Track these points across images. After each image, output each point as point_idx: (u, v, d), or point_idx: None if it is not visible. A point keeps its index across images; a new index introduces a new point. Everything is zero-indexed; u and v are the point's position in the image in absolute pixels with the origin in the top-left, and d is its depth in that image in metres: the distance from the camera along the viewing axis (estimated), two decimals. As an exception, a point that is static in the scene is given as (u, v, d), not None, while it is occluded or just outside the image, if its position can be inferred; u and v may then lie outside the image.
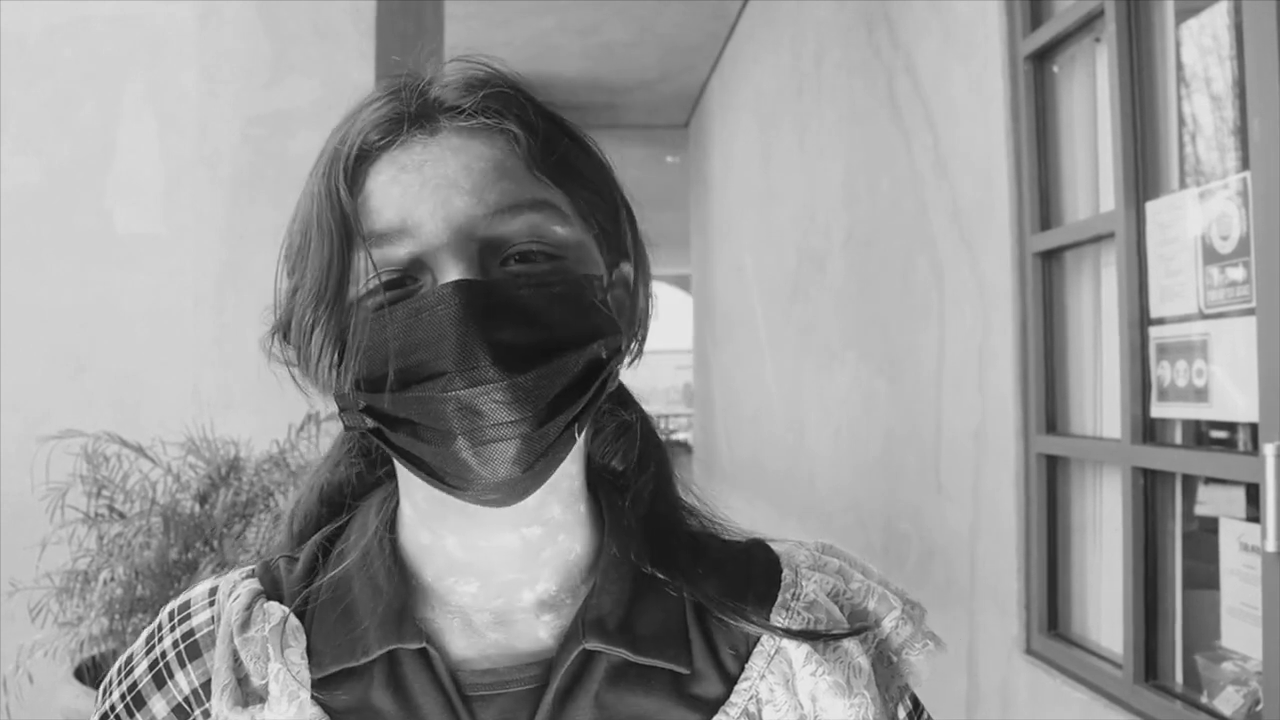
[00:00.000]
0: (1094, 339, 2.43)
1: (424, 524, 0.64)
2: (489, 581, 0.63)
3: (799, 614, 0.65)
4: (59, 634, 2.34)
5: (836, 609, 0.66)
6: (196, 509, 2.39)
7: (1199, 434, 2.10)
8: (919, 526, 3.28)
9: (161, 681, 0.64)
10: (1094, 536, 2.44)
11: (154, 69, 3.03)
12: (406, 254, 0.57)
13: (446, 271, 0.56)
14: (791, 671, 0.63)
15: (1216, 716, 1.88)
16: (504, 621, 0.63)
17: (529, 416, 0.55)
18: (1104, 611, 2.38)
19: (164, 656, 0.65)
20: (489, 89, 0.61)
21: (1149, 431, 2.10)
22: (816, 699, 0.62)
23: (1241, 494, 1.92)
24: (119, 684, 0.66)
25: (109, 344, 2.98)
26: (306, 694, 0.59)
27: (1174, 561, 2.10)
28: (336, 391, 0.60)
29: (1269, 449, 1.65)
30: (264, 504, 2.42)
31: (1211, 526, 1.98)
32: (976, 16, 2.75)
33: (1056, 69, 2.52)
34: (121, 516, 2.42)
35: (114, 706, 0.65)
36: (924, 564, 3.23)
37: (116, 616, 2.28)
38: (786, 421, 5.42)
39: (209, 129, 3.02)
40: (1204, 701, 1.92)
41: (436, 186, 0.58)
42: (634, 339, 0.66)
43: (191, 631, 0.65)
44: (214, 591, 0.67)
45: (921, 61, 3.19)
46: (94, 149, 3.01)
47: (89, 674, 2.34)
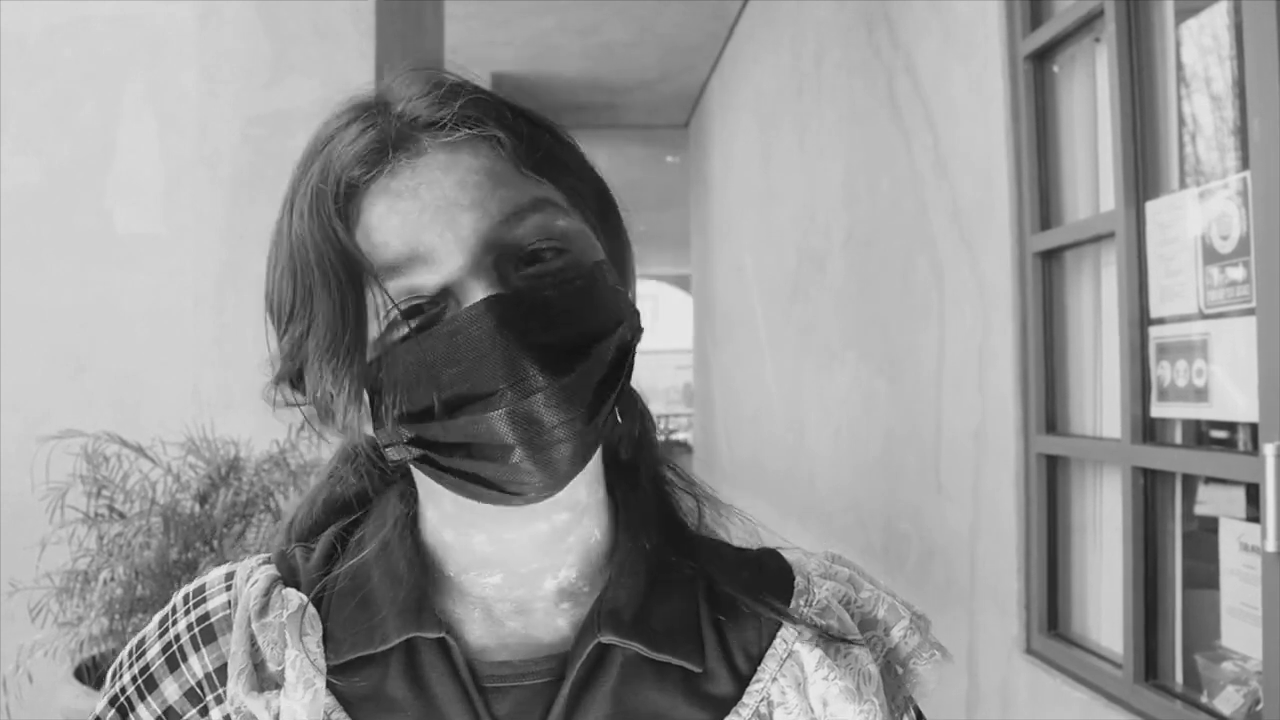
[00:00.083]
0: (1094, 339, 2.43)
1: (448, 525, 0.64)
2: (514, 572, 0.63)
3: (812, 619, 0.65)
4: (59, 634, 2.34)
5: (848, 615, 0.66)
6: (196, 509, 2.39)
7: (1199, 434, 2.10)
8: (919, 526, 3.28)
9: (175, 664, 0.63)
10: (1094, 536, 2.44)
11: (154, 69, 3.03)
12: (422, 281, 0.57)
13: (469, 291, 0.56)
14: (803, 675, 0.63)
15: (1216, 716, 1.88)
16: (524, 611, 0.64)
17: (581, 413, 0.56)
18: (1104, 611, 2.38)
19: (178, 639, 0.64)
20: (462, 97, 0.60)
21: (1149, 431, 2.10)
22: (828, 703, 0.62)
23: (1241, 494, 1.92)
24: (130, 666, 0.65)
25: (109, 344, 2.98)
26: (322, 681, 0.59)
27: (1174, 561, 2.10)
28: (376, 429, 0.59)
29: (1269, 449, 1.65)
30: (264, 504, 2.42)
31: (1211, 526, 1.98)
32: (976, 16, 2.75)
33: (1056, 69, 2.52)
34: (121, 516, 2.42)
35: (124, 689, 0.64)
36: (924, 564, 3.23)
37: (116, 616, 2.28)
38: (786, 421, 5.43)
39: (209, 129, 3.02)
40: (1204, 701, 1.92)
41: (438, 209, 0.57)
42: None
43: (207, 615, 0.64)
44: (230, 576, 0.67)
45: (921, 61, 3.19)
46: (94, 149, 3.01)
47: (89, 674, 2.34)
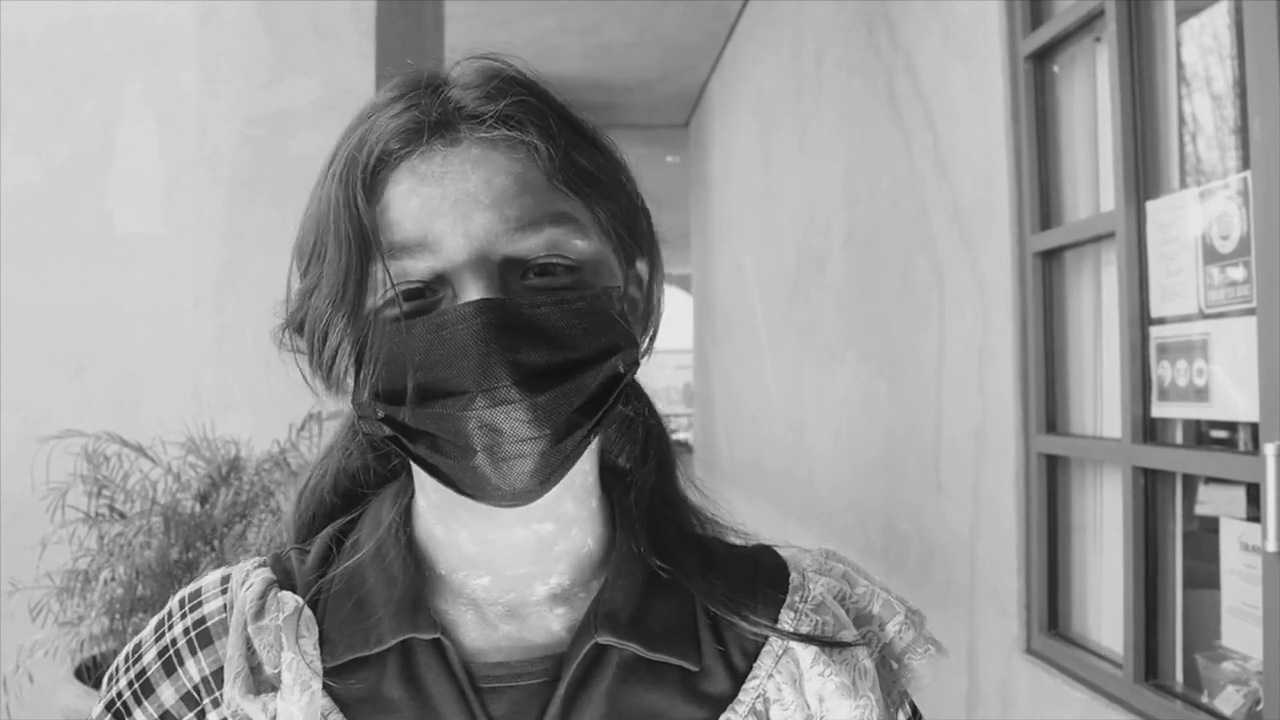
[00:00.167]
0: (1094, 339, 2.43)
1: (438, 517, 0.64)
2: (501, 575, 0.64)
3: (807, 616, 0.65)
4: (59, 634, 2.34)
5: (843, 611, 0.67)
6: (197, 509, 2.39)
7: (1199, 434, 2.10)
8: (919, 526, 3.28)
9: (171, 669, 0.63)
10: (1094, 536, 2.44)
11: (154, 69, 3.03)
12: (426, 268, 0.57)
13: (467, 289, 0.56)
14: (799, 671, 0.63)
15: (1217, 716, 1.87)
16: (516, 614, 0.64)
17: (548, 434, 0.56)
18: (1104, 611, 2.38)
19: (174, 644, 0.64)
20: (510, 97, 0.60)
21: (1149, 431, 2.10)
22: (824, 699, 0.63)
23: (1242, 494, 1.91)
24: (126, 671, 0.65)
25: (109, 344, 2.98)
26: (319, 683, 0.59)
27: (1174, 561, 2.10)
28: (354, 399, 0.60)
29: (1269, 449, 1.65)
30: (264, 504, 2.42)
31: (1212, 526, 1.98)
32: (976, 16, 2.75)
33: (1057, 69, 2.52)
34: (122, 516, 2.42)
35: (120, 694, 0.64)
36: (924, 564, 3.23)
37: (117, 616, 2.28)
38: (786, 421, 5.42)
39: (209, 129, 3.02)
40: (1204, 701, 1.92)
41: (457, 201, 0.57)
42: (647, 336, 0.66)
43: (203, 619, 0.64)
44: (226, 580, 0.66)
45: (921, 61, 3.19)
46: (94, 149, 3.01)
47: (89, 674, 2.34)
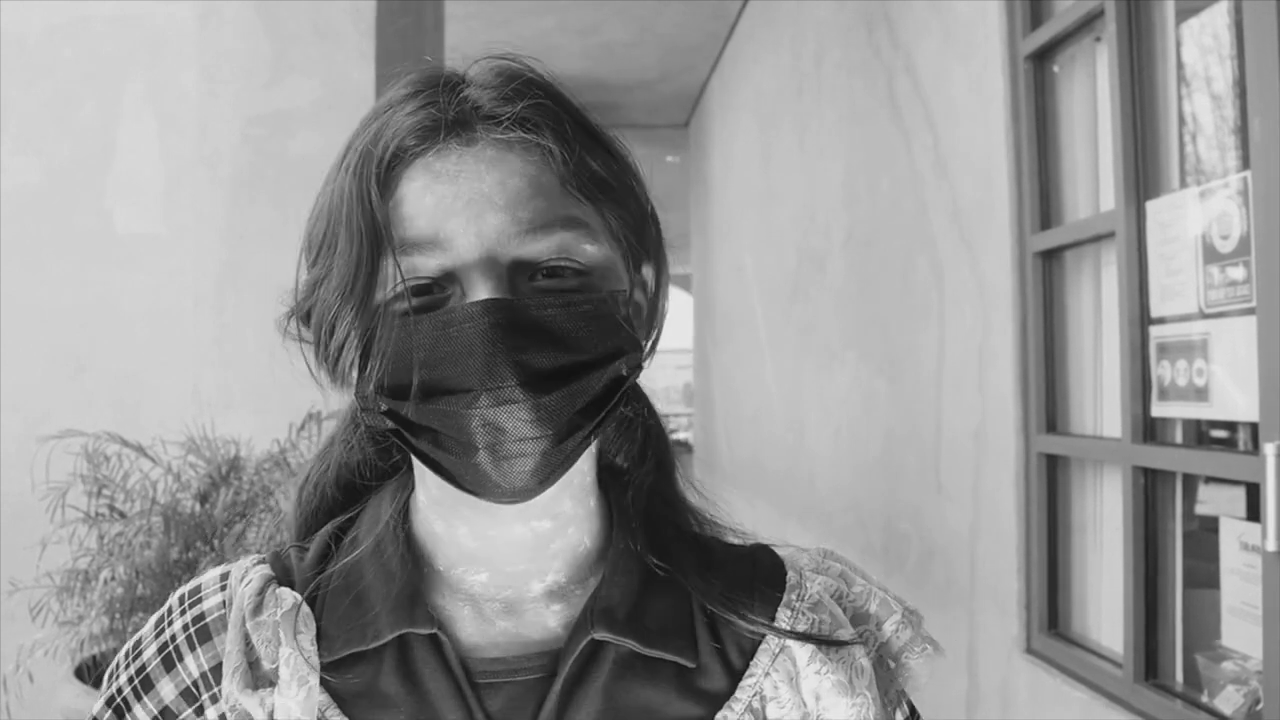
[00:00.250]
0: (1094, 338, 2.43)
1: (438, 513, 0.65)
2: (499, 571, 0.64)
3: (804, 614, 0.66)
4: (59, 633, 2.34)
5: (840, 610, 0.67)
6: (197, 508, 2.39)
7: (1199, 433, 2.10)
8: (919, 526, 3.28)
9: (171, 664, 0.64)
10: (1094, 536, 2.44)
11: (154, 69, 3.03)
12: (436, 266, 0.58)
13: (476, 288, 0.57)
14: (796, 669, 0.64)
15: (1217, 716, 1.87)
16: (513, 610, 0.64)
17: (550, 434, 0.57)
18: (1104, 611, 2.38)
19: (174, 639, 0.64)
20: (528, 100, 0.60)
21: (1149, 431, 2.10)
22: (820, 697, 0.63)
23: (1242, 493, 1.92)
24: (126, 667, 0.65)
25: (109, 344, 2.98)
26: (316, 678, 0.60)
27: (1174, 561, 2.10)
28: (358, 391, 0.60)
29: (1269, 448, 1.65)
30: (264, 503, 2.42)
31: (1212, 526, 1.98)
32: (976, 16, 2.75)
33: (1057, 69, 2.52)
34: (122, 516, 2.42)
35: (120, 690, 0.65)
36: (924, 564, 3.23)
37: (117, 616, 2.28)
38: (786, 421, 5.42)
39: (209, 129, 3.02)
40: (1204, 701, 1.92)
41: (470, 201, 0.58)
42: (649, 340, 0.67)
43: (202, 615, 0.65)
44: (225, 577, 0.67)
45: (921, 61, 3.19)
46: (94, 149, 3.01)
47: (89, 673, 2.34)
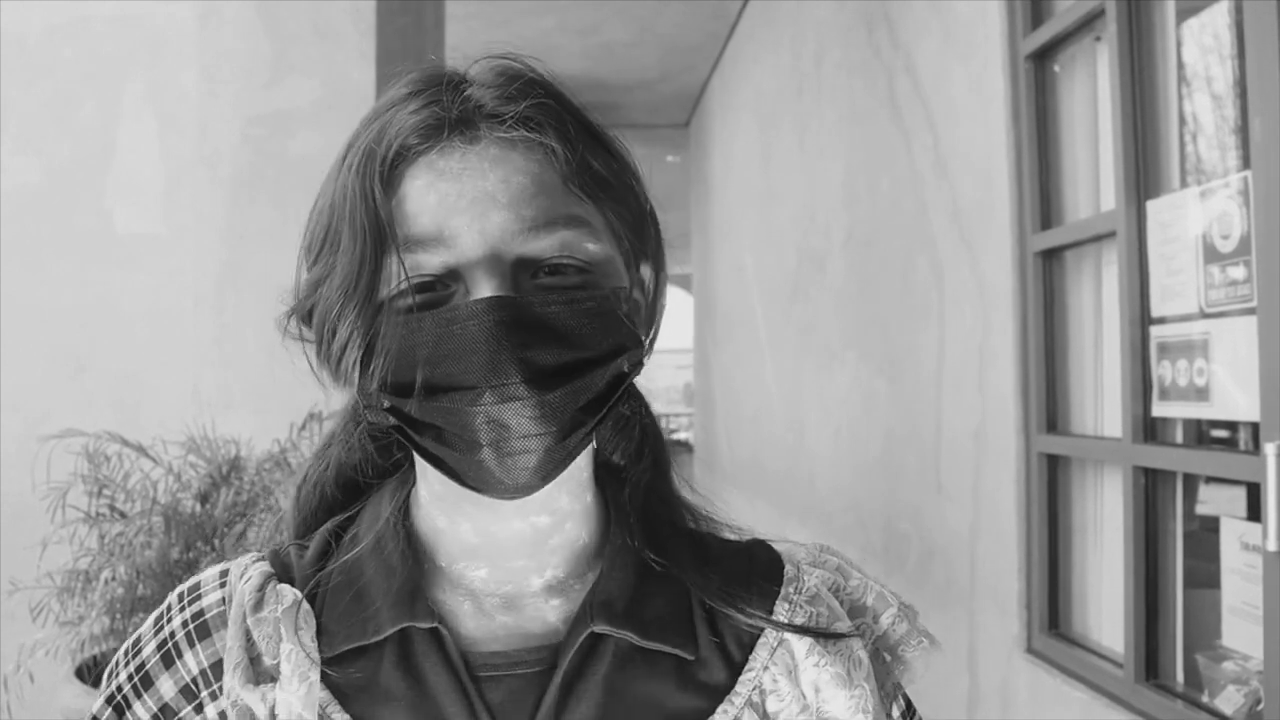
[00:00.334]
0: (1095, 338, 2.43)
1: (441, 509, 0.65)
2: (499, 566, 0.64)
3: (801, 607, 0.66)
4: (60, 633, 2.34)
5: (837, 603, 0.67)
6: (197, 508, 2.39)
7: (1200, 433, 2.10)
8: (919, 526, 3.28)
9: (170, 661, 0.64)
10: (1095, 536, 2.44)
11: (154, 69, 3.03)
12: (440, 263, 0.58)
13: (480, 286, 0.57)
14: (794, 662, 0.64)
15: (1217, 716, 1.87)
16: (513, 605, 0.64)
17: (553, 431, 0.57)
18: (1105, 611, 2.38)
19: (173, 636, 0.65)
20: (530, 99, 0.61)
21: (1150, 431, 2.10)
22: (819, 690, 0.63)
23: (1242, 493, 1.91)
24: (126, 665, 0.65)
25: (109, 344, 2.98)
26: (317, 673, 0.60)
27: (1175, 561, 2.10)
28: (361, 389, 0.61)
29: (1270, 448, 1.65)
30: (265, 503, 2.42)
31: (1212, 525, 1.98)
32: (976, 16, 2.75)
33: (1057, 68, 2.52)
34: (122, 516, 2.42)
35: (120, 688, 0.65)
36: (924, 564, 3.23)
37: (117, 616, 2.28)
38: (786, 421, 5.42)
39: (209, 129, 3.02)
40: (1205, 701, 1.92)
41: (474, 199, 0.58)
42: (648, 338, 0.67)
43: (201, 612, 0.65)
44: (225, 574, 0.67)
45: (921, 61, 3.19)
46: (94, 149, 3.01)
47: (90, 673, 2.34)
